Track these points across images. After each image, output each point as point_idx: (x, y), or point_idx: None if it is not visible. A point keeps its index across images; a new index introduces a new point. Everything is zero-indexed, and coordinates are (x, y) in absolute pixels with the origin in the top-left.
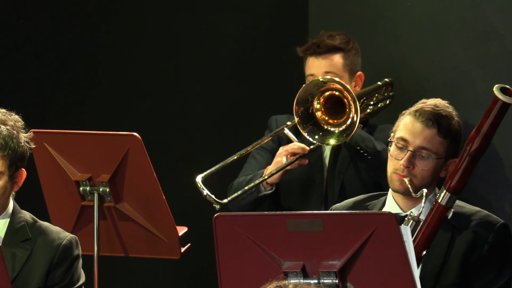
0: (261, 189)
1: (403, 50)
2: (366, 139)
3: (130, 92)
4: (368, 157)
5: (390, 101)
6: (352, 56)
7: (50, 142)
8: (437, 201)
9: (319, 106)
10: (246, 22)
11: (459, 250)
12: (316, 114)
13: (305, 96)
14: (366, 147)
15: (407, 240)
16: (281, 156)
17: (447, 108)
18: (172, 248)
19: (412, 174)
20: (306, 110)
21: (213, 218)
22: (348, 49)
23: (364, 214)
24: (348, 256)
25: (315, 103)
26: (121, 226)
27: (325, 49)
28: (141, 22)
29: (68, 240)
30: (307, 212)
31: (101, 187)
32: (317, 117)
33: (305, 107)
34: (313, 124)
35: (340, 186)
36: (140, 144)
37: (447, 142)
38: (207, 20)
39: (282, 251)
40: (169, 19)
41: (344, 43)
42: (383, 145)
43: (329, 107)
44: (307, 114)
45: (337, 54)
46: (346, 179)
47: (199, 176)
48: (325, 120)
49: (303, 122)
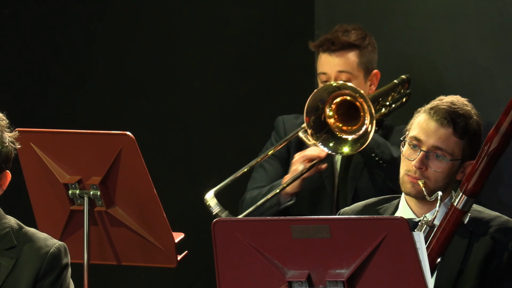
0: (282, 201)
1: (416, 44)
2: (382, 145)
3: (123, 88)
4: (384, 164)
5: (407, 99)
6: (368, 54)
7: (37, 142)
8: (453, 204)
9: (332, 113)
10: (248, 14)
11: (477, 257)
12: (329, 121)
13: (315, 104)
14: (382, 154)
15: (420, 247)
16: (297, 163)
17: (465, 106)
18: (168, 256)
19: (425, 176)
20: (317, 119)
21: (212, 224)
22: (364, 46)
23: (374, 219)
24: (357, 265)
25: (327, 110)
26: (113, 232)
27: (339, 46)
28: (136, 13)
29: (56, 247)
30: (313, 217)
31: (91, 190)
32: (330, 125)
33: (316, 115)
34: (326, 132)
35: (354, 193)
36: (134, 144)
37: (464, 142)
38: (207, 12)
39: (286, 259)
40: (166, 10)
41: (360, 39)
42: (400, 151)
43: (342, 113)
44: (319, 123)
45: (352, 52)
46: (359, 186)
47: (211, 191)
48: (339, 127)
49: (316, 132)
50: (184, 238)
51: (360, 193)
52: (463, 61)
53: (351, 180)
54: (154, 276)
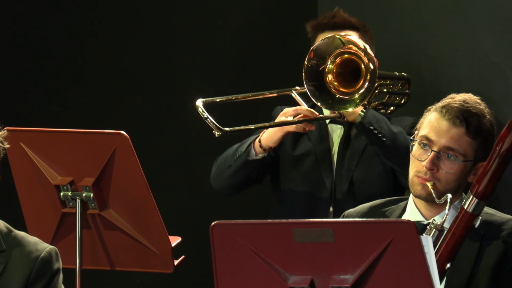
0: (252, 154)
1: (423, 37)
2: (381, 120)
3: (117, 85)
4: (383, 138)
5: (405, 100)
6: (368, 40)
7: (27, 141)
8: (463, 207)
9: (332, 67)
10: (248, 8)
11: (489, 262)
12: (327, 76)
13: (324, 53)
14: (381, 129)
15: (428, 252)
16: (287, 115)
17: (478, 105)
18: (164, 261)
19: (436, 178)
20: (317, 66)
21: (210, 227)
22: (364, 30)
23: (380, 222)
24: (362, 270)
25: (329, 62)
26: (107, 236)
27: (341, 23)
28: (129, 5)
29: (47, 252)
30: (316, 220)
31: (84, 192)
32: (327, 81)
33: (318, 64)
34: (319, 87)
35: (349, 185)
36: (128, 144)
37: (476, 143)
38: (205, 4)
39: (288, 264)
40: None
41: (360, 24)
42: (399, 128)
43: (341, 73)
44: (316, 72)
45: (353, 32)
46: (355, 177)
47: (199, 100)
48: (334, 85)
49: (307, 77)
50: (181, 242)
51: (355, 185)
52: (473, 57)
53: (347, 171)
54: (150, 282)
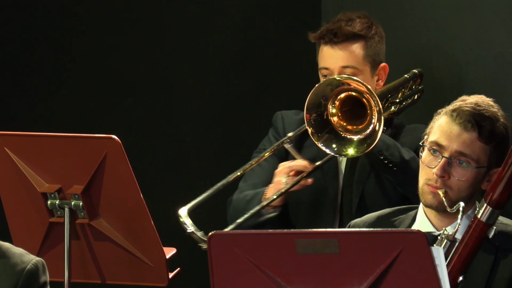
0: (263, 212)
1: (435, 35)
2: (391, 147)
3: (108, 86)
4: (394, 168)
5: (419, 96)
6: (375, 45)
7: (12, 146)
8: (476, 216)
9: (335, 110)
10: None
11: (504, 275)
12: (332, 119)
13: (316, 100)
14: (391, 156)
15: (439, 264)
16: (280, 175)
17: (491, 108)
18: (159, 274)
19: (447, 186)
20: (319, 116)
21: (208, 237)
22: (370, 36)
23: (388, 232)
24: (369, 283)
25: (330, 107)
26: (97, 247)
27: (343, 38)
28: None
29: (33, 264)
30: (320, 230)
31: (73, 200)
32: (333, 123)
33: (318, 113)
34: (329, 131)
35: (359, 198)
36: (120, 149)
37: (490, 148)
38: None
39: (289, 277)
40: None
41: (365, 29)
42: (411, 153)
43: (347, 111)
44: (321, 121)
45: (357, 43)
46: (366, 190)
47: (183, 208)
48: (343, 126)
49: (317, 131)
50: (176, 253)
51: (367, 199)
52: (487, 55)
53: (357, 183)
54: None
